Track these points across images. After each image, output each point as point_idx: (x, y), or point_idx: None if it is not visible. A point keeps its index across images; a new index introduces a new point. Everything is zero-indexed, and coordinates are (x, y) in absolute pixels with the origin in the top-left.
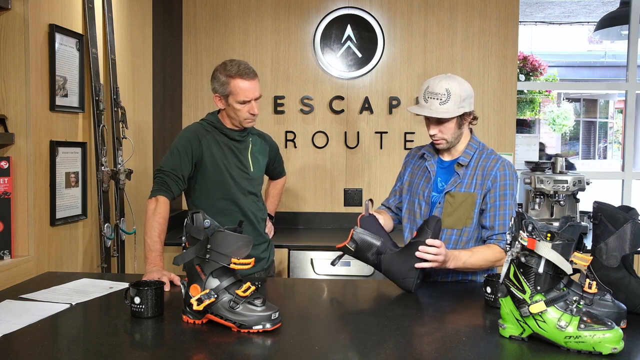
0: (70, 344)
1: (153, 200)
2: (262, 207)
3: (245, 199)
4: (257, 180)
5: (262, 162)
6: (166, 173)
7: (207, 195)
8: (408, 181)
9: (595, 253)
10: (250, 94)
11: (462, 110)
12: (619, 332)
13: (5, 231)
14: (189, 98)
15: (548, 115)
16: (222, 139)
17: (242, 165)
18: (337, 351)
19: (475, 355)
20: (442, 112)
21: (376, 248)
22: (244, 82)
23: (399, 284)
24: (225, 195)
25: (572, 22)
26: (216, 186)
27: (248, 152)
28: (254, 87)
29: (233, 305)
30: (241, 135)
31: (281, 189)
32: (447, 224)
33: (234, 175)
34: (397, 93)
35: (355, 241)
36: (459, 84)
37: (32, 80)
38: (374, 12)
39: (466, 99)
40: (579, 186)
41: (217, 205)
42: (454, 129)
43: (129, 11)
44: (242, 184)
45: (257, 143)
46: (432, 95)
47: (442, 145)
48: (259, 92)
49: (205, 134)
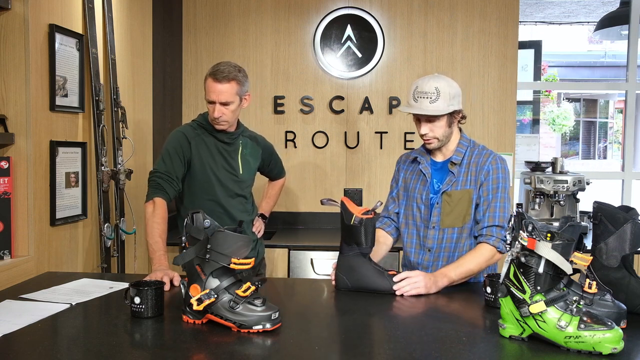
0: (70, 344)
1: (150, 203)
2: (250, 209)
3: (232, 201)
4: (247, 183)
5: (253, 164)
6: (160, 175)
7: (193, 195)
8: (403, 186)
9: (595, 253)
10: (213, 95)
11: (452, 108)
12: (619, 332)
13: (5, 231)
14: (189, 98)
15: (548, 115)
16: (210, 140)
17: (230, 168)
18: (337, 351)
19: (475, 355)
20: (433, 110)
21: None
22: (212, 82)
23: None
24: (211, 197)
25: (572, 22)
26: (202, 187)
27: (238, 154)
28: (220, 90)
29: (233, 305)
30: (230, 137)
31: (279, 189)
32: (446, 223)
33: (221, 178)
34: (397, 93)
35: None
36: (447, 82)
37: (32, 80)
38: (374, 12)
39: (455, 97)
40: (579, 186)
41: (202, 206)
42: (444, 128)
43: (129, 11)
44: (230, 186)
45: (248, 145)
46: (422, 94)
47: (434, 145)
48: (228, 97)
49: (194, 135)
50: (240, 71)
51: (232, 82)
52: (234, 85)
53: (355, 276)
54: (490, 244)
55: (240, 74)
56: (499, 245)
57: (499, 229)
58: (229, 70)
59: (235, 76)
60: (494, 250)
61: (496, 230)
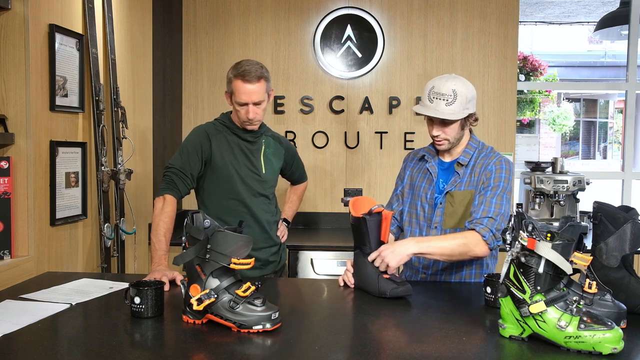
0: (70, 344)
1: (160, 198)
2: (274, 210)
3: (255, 200)
4: (270, 183)
5: (276, 164)
6: (174, 171)
7: (216, 194)
8: (409, 184)
9: (595, 253)
10: (246, 97)
11: (467, 112)
12: (619, 332)
13: (5, 231)
14: (189, 98)
15: (548, 115)
16: (232, 139)
17: (252, 167)
18: (337, 351)
19: (475, 355)
20: (449, 114)
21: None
22: (243, 84)
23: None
24: (234, 195)
25: (572, 22)
26: (224, 186)
27: (260, 153)
28: (253, 91)
29: (233, 305)
30: (253, 136)
31: (301, 194)
32: (449, 224)
33: (243, 176)
34: (397, 93)
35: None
36: (465, 85)
37: (32, 80)
38: (374, 12)
39: (471, 100)
40: (579, 186)
41: (225, 205)
42: (457, 130)
43: (129, 11)
44: (252, 185)
45: (270, 145)
46: (439, 95)
47: (444, 146)
48: (260, 97)
49: (216, 133)
50: (263, 67)
51: (261, 80)
52: (262, 83)
53: (358, 276)
54: (477, 231)
55: (265, 71)
56: (485, 234)
57: (492, 221)
58: (256, 69)
59: (262, 74)
60: (477, 237)
61: (487, 220)
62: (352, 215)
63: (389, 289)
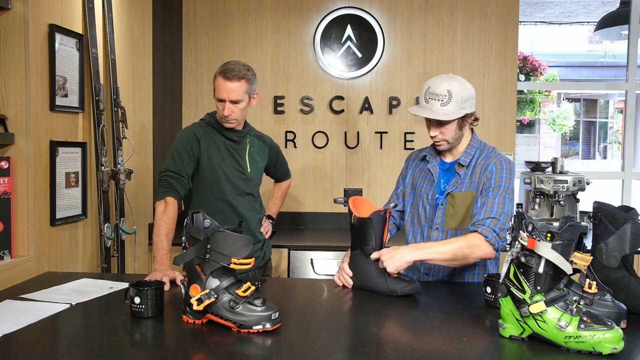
0: (70, 344)
1: (162, 202)
2: (259, 208)
3: (241, 199)
4: (254, 181)
5: (260, 163)
6: (170, 174)
7: (202, 194)
8: (410, 184)
9: (595, 253)
10: (224, 93)
11: (464, 112)
12: (619, 332)
13: (5, 231)
14: (189, 98)
15: (548, 115)
16: (219, 139)
17: (238, 166)
18: (337, 351)
19: (475, 355)
20: (443, 114)
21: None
22: (223, 81)
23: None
24: (220, 195)
25: (572, 22)
26: (211, 186)
27: (246, 152)
28: (231, 88)
29: (233, 305)
30: (238, 135)
31: (285, 191)
32: (451, 225)
33: (230, 176)
34: (397, 93)
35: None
36: (461, 84)
37: (32, 80)
38: (374, 12)
39: (468, 100)
40: (579, 186)
41: (212, 205)
42: (455, 131)
43: (129, 11)
44: (238, 185)
45: (255, 144)
46: (433, 96)
47: (443, 147)
48: (238, 96)
49: (203, 134)
50: (249, 70)
51: (242, 80)
52: (243, 83)
53: (358, 275)
54: (479, 232)
55: (249, 73)
56: (487, 234)
57: (494, 221)
58: (239, 69)
59: (244, 75)
60: (480, 239)
61: (490, 221)
62: (356, 215)
63: (400, 288)
